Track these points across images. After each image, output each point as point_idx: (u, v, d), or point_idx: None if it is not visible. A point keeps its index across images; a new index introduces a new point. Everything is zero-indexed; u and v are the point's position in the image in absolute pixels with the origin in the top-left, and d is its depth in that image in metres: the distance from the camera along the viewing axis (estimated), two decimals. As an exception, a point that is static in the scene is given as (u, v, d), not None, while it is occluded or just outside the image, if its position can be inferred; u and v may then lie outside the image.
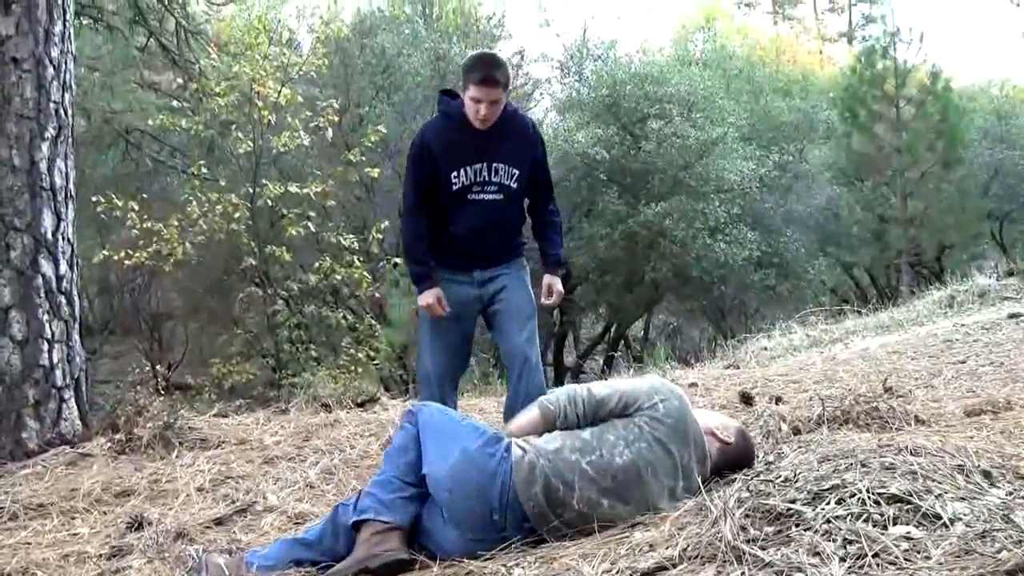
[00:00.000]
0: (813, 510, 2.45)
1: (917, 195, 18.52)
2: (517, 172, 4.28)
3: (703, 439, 3.22)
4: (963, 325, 8.37)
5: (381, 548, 3.00)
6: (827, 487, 2.56)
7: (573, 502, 3.01)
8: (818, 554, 2.23)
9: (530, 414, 3.31)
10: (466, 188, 4.21)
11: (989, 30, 68.84)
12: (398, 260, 13.15)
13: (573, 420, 3.19)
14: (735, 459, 3.29)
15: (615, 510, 3.03)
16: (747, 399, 5.35)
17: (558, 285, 4.51)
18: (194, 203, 11.47)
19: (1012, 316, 8.13)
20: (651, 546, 2.66)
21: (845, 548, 2.24)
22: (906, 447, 2.83)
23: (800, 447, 3.47)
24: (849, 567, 2.16)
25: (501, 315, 4.38)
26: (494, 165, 4.23)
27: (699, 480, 3.13)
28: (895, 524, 2.32)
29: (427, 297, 4.31)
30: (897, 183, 18.45)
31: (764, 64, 25.42)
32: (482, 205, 4.25)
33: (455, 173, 4.19)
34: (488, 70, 4.08)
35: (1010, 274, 11.78)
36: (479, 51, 4.46)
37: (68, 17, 5.50)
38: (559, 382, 16.59)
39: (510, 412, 4.19)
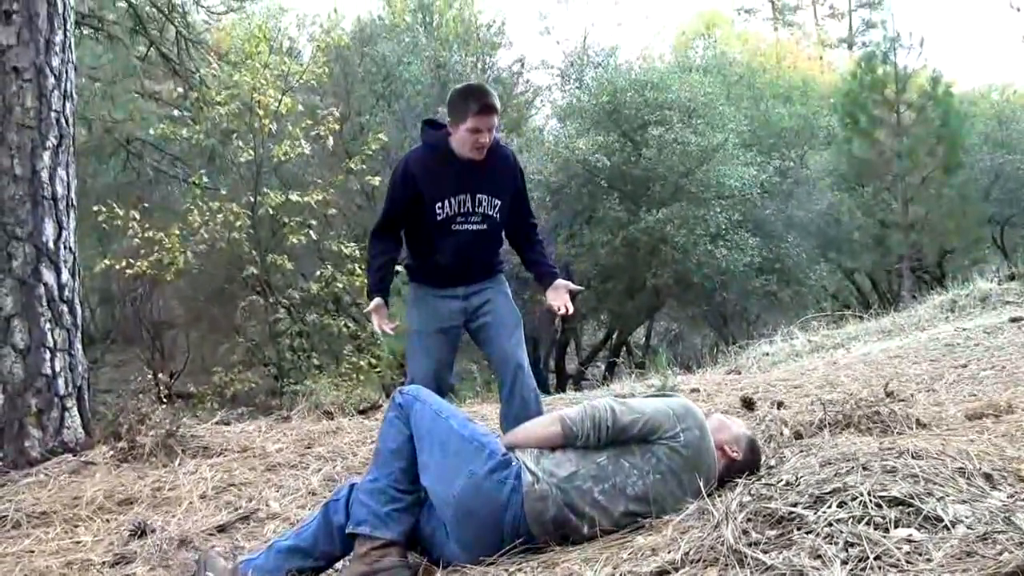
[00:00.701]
0: (815, 513, 2.44)
1: (918, 200, 18.51)
2: (499, 202, 4.29)
3: (715, 463, 3.17)
4: (964, 329, 8.37)
5: (382, 565, 2.98)
6: (829, 490, 2.56)
7: (584, 530, 2.98)
8: (820, 557, 2.23)
9: (550, 430, 3.18)
10: (450, 219, 4.22)
11: (989, 35, 68.99)
12: (399, 268, 13.19)
13: (594, 443, 3.09)
14: (740, 469, 3.26)
15: (620, 531, 3.00)
16: (749, 404, 5.35)
17: (565, 282, 4.49)
18: (195, 212, 11.50)
19: (1013, 320, 8.13)
20: (653, 550, 2.66)
21: (847, 551, 2.23)
22: (907, 450, 2.83)
23: (802, 451, 3.47)
24: (851, 570, 2.15)
25: (489, 326, 4.38)
26: (477, 196, 4.23)
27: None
28: (897, 527, 2.32)
29: (372, 305, 4.29)
30: (898, 188, 18.45)
31: (764, 70, 25.49)
32: (466, 235, 4.25)
33: (439, 204, 4.19)
34: (485, 99, 4.09)
35: (1011, 278, 11.78)
36: (465, 84, 4.45)
37: (69, 27, 5.52)
38: (561, 389, 16.60)
39: (507, 420, 4.17)
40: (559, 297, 4.36)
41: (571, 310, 4.38)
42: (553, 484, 2.99)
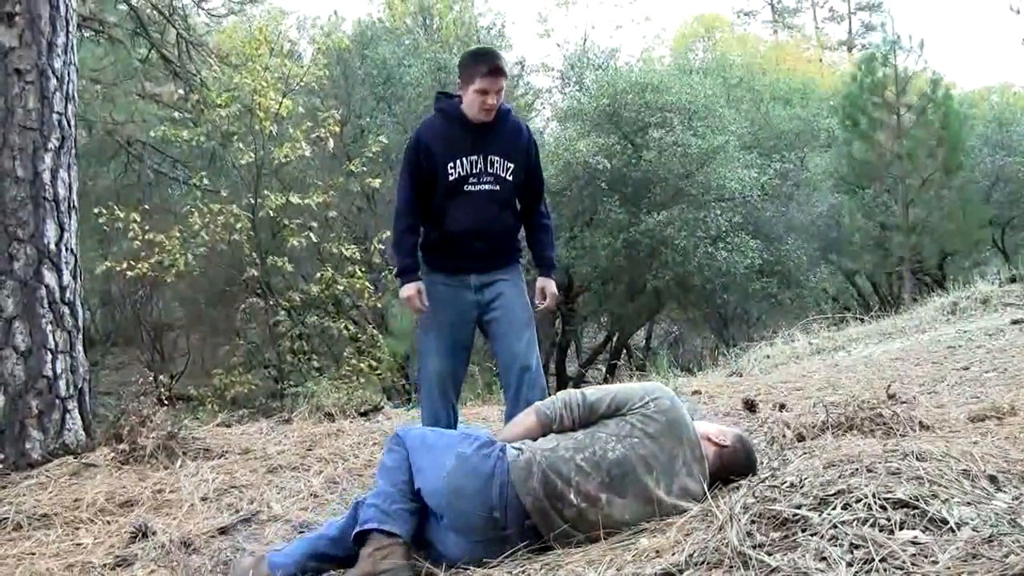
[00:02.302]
0: (819, 515, 2.44)
1: (918, 202, 18.51)
2: (512, 165, 4.34)
3: (698, 440, 3.23)
4: (966, 331, 8.36)
5: (385, 565, 2.99)
6: (833, 492, 2.55)
7: (571, 496, 3.01)
8: (825, 559, 2.22)
9: (526, 420, 3.35)
10: (462, 179, 4.26)
11: (989, 37, 69.06)
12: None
13: (568, 424, 3.22)
14: (735, 463, 3.28)
15: (612, 506, 3.02)
16: (751, 406, 5.34)
17: (552, 287, 4.53)
18: (196, 214, 11.50)
19: (1015, 322, 8.12)
20: (657, 552, 2.65)
21: (852, 553, 2.23)
22: (911, 452, 2.83)
23: (805, 453, 3.47)
24: (856, 572, 2.15)
25: (498, 323, 4.38)
26: (489, 157, 4.30)
27: (700, 479, 3.14)
28: (902, 529, 2.31)
29: (409, 289, 4.32)
30: (898, 190, 18.44)
31: (764, 73, 25.50)
32: (479, 196, 4.29)
33: (451, 164, 4.25)
34: (494, 61, 4.21)
35: (1012, 280, 11.76)
36: (474, 47, 4.53)
37: (71, 29, 5.52)
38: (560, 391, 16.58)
39: (509, 420, 4.18)
40: (539, 292, 4.52)
41: (546, 306, 4.54)
42: (536, 452, 3.09)
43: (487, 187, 4.29)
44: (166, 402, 5.74)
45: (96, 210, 11.03)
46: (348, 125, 16.24)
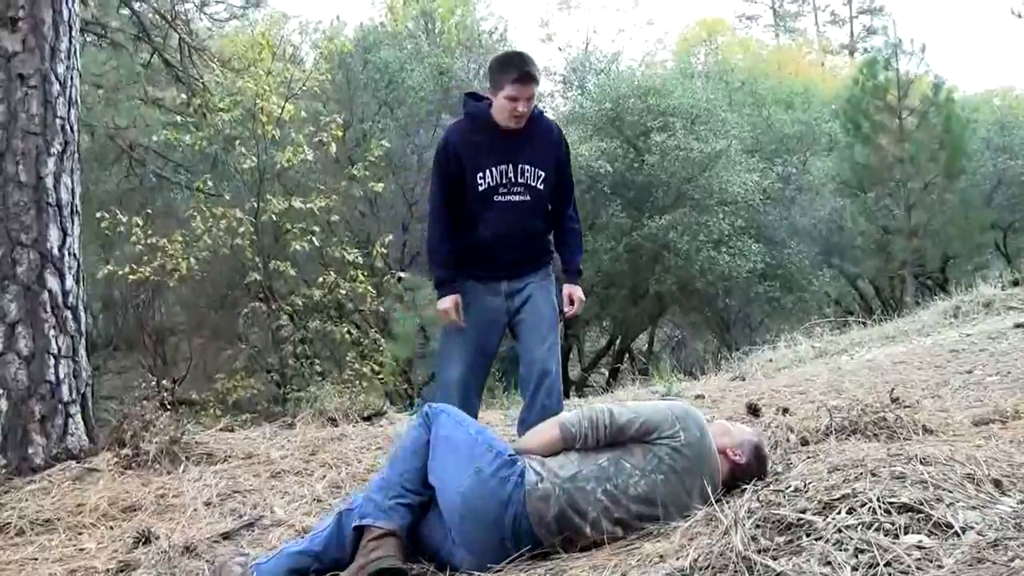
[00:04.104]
0: (824, 519, 2.43)
1: (920, 206, 18.50)
2: (543, 173, 4.25)
3: (718, 466, 3.17)
4: (969, 335, 8.36)
5: (376, 555, 2.99)
6: (837, 496, 2.55)
7: (587, 530, 2.98)
8: (830, 563, 2.22)
9: (549, 434, 3.25)
10: (492, 189, 4.18)
11: (991, 41, 69.07)
12: (402, 274, 13.16)
13: (592, 444, 3.13)
14: (747, 475, 3.24)
15: (625, 536, 3.00)
16: (754, 410, 5.33)
17: (579, 293, 4.47)
18: (198, 218, 11.50)
19: (1018, 326, 8.11)
20: (662, 557, 2.65)
21: (856, 557, 2.22)
22: (916, 456, 2.82)
23: (809, 457, 3.46)
24: (861, 576, 2.15)
25: (524, 323, 4.34)
26: (520, 166, 4.20)
27: (709, 495, 3.11)
28: (907, 533, 2.31)
29: (446, 302, 4.26)
30: (900, 194, 18.44)
31: (766, 76, 25.50)
32: (509, 206, 4.21)
33: (480, 174, 4.16)
34: (525, 67, 4.07)
35: (1015, 284, 11.76)
36: (507, 51, 4.45)
37: (74, 34, 5.51)
38: (564, 396, 16.57)
39: (525, 425, 4.16)
40: (565, 301, 4.43)
41: (572, 313, 4.43)
42: (557, 484, 3.01)
43: (517, 198, 4.22)
44: (168, 407, 5.71)
45: (98, 214, 11.02)
46: (350, 129, 16.25)
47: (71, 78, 5.44)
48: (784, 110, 22.79)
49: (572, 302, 4.47)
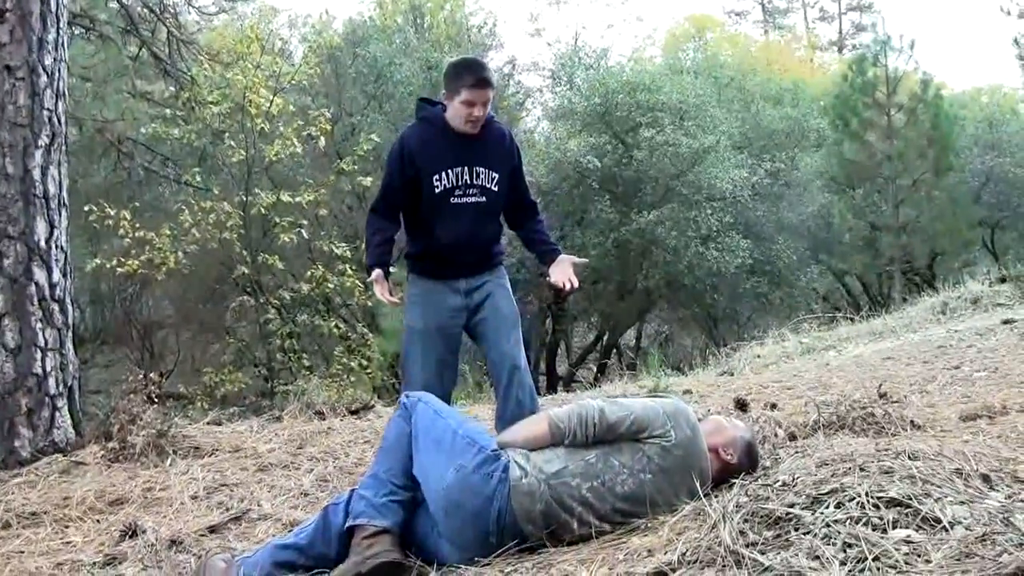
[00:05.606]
0: (812, 514, 2.44)
1: (909, 202, 18.59)
2: (497, 176, 4.27)
3: (708, 465, 3.14)
4: (956, 331, 8.39)
5: (373, 551, 2.98)
6: (826, 491, 2.55)
7: (573, 525, 2.97)
8: (818, 558, 2.22)
9: (537, 428, 3.20)
10: (448, 191, 4.20)
11: (979, 38, 69.31)
12: (392, 269, 13.14)
13: (580, 441, 3.09)
14: (738, 473, 3.22)
15: (613, 530, 2.99)
16: (742, 406, 5.34)
17: (573, 258, 4.44)
18: (186, 212, 11.47)
19: (1006, 322, 8.14)
20: (649, 551, 2.65)
21: (845, 552, 2.23)
22: (904, 451, 2.83)
23: (797, 452, 3.46)
24: (849, 571, 2.15)
25: (486, 322, 4.35)
26: (475, 168, 4.22)
27: (698, 489, 3.09)
28: (895, 528, 2.32)
29: (373, 276, 4.27)
30: (889, 191, 18.51)
31: (755, 73, 25.52)
32: (465, 208, 4.23)
33: (437, 176, 4.18)
34: (480, 72, 4.10)
35: (1002, 280, 11.80)
36: (461, 57, 4.44)
37: (62, 25, 5.49)
38: (551, 391, 16.60)
39: (501, 420, 4.16)
40: (563, 272, 4.32)
41: (576, 284, 4.35)
42: (542, 480, 2.99)
43: (473, 199, 4.23)
44: (156, 400, 5.68)
45: (86, 208, 10.98)
46: (339, 123, 16.23)
47: (59, 70, 5.42)
48: (773, 106, 22.81)
49: (575, 266, 4.42)
